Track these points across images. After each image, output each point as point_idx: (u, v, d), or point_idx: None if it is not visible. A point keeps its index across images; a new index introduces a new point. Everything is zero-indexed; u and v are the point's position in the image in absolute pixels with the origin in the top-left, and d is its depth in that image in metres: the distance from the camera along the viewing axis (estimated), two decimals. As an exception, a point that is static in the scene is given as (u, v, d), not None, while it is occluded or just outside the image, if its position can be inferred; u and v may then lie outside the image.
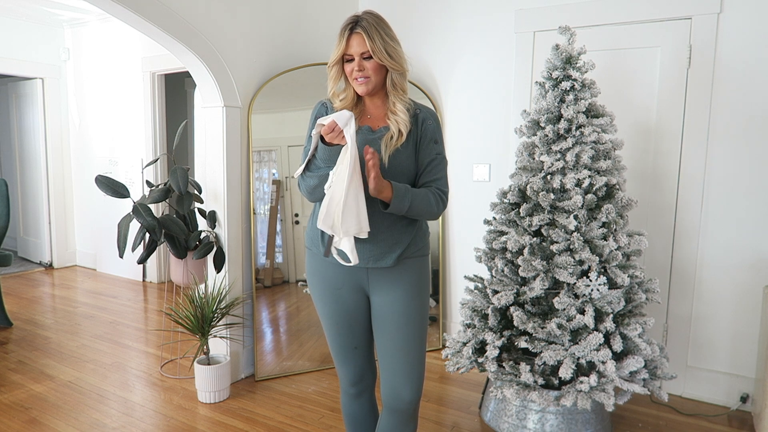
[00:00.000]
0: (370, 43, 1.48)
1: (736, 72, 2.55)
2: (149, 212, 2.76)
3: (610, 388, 2.04)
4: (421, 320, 1.63)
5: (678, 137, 2.70)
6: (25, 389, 2.81)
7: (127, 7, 2.27)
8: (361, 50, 1.49)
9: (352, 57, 1.51)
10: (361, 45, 1.49)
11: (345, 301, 1.64)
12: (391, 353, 1.61)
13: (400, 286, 1.59)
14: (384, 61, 1.50)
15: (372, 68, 1.51)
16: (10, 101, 5.60)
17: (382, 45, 1.49)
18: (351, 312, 1.65)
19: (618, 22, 2.77)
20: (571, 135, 2.19)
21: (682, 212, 2.72)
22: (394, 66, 1.52)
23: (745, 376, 2.66)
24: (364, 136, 1.55)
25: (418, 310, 1.62)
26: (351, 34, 1.50)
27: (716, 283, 2.69)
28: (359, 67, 1.51)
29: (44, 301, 4.41)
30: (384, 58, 1.49)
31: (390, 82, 1.55)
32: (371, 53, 1.49)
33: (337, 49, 1.53)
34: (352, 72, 1.52)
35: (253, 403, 2.70)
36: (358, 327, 1.68)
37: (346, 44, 1.51)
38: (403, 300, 1.59)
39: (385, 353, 1.62)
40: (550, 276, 2.12)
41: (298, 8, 3.15)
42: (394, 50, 1.52)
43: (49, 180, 5.34)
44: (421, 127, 1.58)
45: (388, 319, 1.60)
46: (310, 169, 1.53)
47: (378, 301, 1.62)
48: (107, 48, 4.99)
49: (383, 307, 1.61)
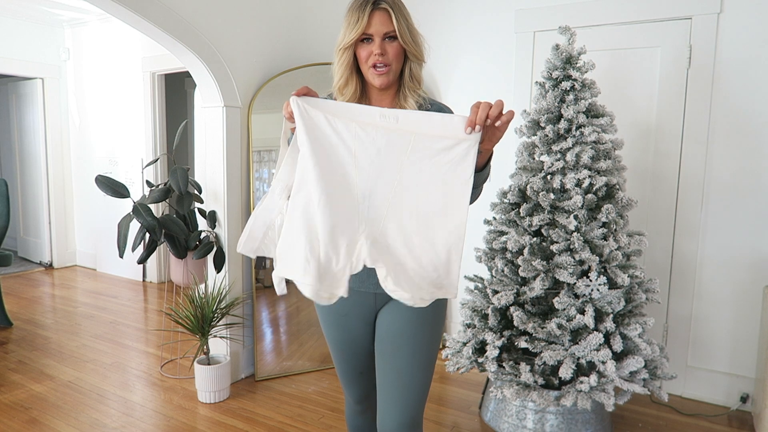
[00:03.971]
0: (396, 22, 1.29)
1: (736, 72, 2.55)
2: (149, 212, 2.76)
3: (610, 388, 2.04)
4: (428, 348, 1.43)
5: (678, 137, 2.70)
6: (25, 389, 2.81)
7: (127, 7, 2.27)
8: (386, 30, 1.29)
9: (371, 37, 1.30)
10: (386, 24, 1.29)
11: (350, 328, 1.49)
12: (385, 375, 1.44)
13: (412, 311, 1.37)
14: (408, 45, 1.31)
15: (394, 53, 1.31)
16: (10, 101, 5.60)
17: (407, 26, 1.31)
18: (356, 339, 1.51)
19: (618, 22, 2.77)
20: (571, 135, 2.19)
21: (682, 212, 2.72)
22: (417, 53, 1.34)
23: (745, 376, 2.66)
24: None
25: (428, 337, 1.42)
26: (374, 10, 1.29)
27: (716, 283, 2.69)
28: (380, 50, 1.29)
29: (44, 301, 4.41)
30: (408, 41, 1.31)
31: (408, 72, 1.36)
32: (397, 34, 1.29)
33: (354, 29, 1.29)
34: (369, 57, 1.30)
35: (253, 403, 2.70)
36: (363, 353, 1.53)
37: (367, 22, 1.28)
38: (416, 321, 1.40)
39: (380, 375, 1.46)
40: (550, 276, 2.12)
41: (299, 8, 3.15)
42: (416, 35, 1.35)
43: (49, 180, 5.34)
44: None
45: (389, 340, 1.43)
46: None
47: (383, 321, 1.44)
48: (107, 48, 4.99)
49: (387, 326, 1.43)
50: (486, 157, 1.24)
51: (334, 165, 1.10)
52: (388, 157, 1.11)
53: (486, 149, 1.20)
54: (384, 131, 1.10)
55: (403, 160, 1.12)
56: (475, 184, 1.20)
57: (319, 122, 1.10)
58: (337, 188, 1.11)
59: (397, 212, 1.12)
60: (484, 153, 1.21)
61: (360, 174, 1.11)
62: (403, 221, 1.12)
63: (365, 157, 1.11)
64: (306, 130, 1.10)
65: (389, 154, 1.11)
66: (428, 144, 1.10)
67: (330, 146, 1.10)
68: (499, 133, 1.14)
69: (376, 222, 1.12)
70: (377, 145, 1.10)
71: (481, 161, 1.21)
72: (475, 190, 1.25)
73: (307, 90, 1.14)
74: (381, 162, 1.10)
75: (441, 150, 1.10)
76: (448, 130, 1.10)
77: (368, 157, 1.11)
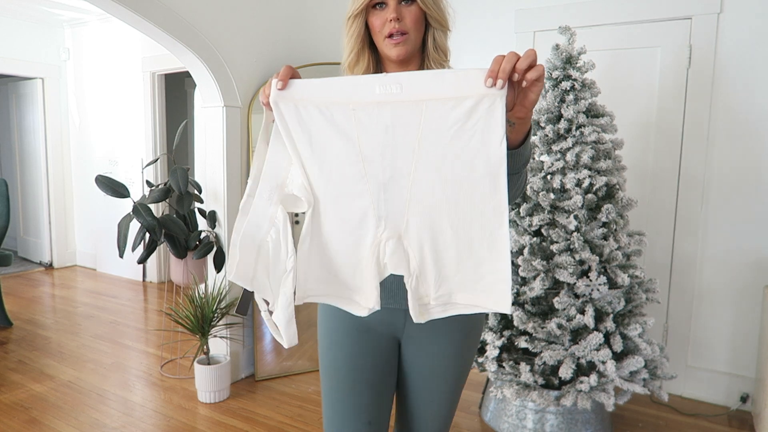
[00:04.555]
0: None
1: (736, 72, 2.55)
2: (149, 212, 2.76)
3: (610, 388, 2.05)
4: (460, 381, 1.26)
5: (678, 137, 2.70)
6: (25, 389, 2.81)
7: (127, 7, 2.27)
8: None
9: (385, 1, 1.10)
10: None
11: (370, 349, 1.19)
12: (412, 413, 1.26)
13: (446, 336, 1.18)
14: (429, 8, 1.11)
15: (412, 19, 1.10)
16: (10, 101, 5.60)
17: None
18: (378, 366, 1.20)
19: (618, 22, 2.77)
20: (571, 135, 2.19)
21: (682, 212, 2.72)
22: (440, 18, 1.13)
23: (745, 376, 2.66)
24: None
25: (462, 369, 1.24)
26: None
27: (716, 283, 2.69)
28: (396, 15, 1.09)
29: (44, 301, 4.41)
30: (429, 4, 1.11)
31: (432, 42, 1.15)
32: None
33: None
34: (384, 25, 1.10)
35: (253, 403, 2.70)
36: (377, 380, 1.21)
37: None
38: (446, 356, 1.20)
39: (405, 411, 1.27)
40: (550, 276, 2.12)
41: (299, 8, 3.15)
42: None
43: (49, 180, 5.34)
44: None
45: (420, 377, 1.22)
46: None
47: (412, 353, 1.21)
48: (107, 48, 4.99)
49: (417, 361, 1.21)
50: (522, 133, 0.97)
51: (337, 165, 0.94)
52: (398, 137, 0.92)
53: (519, 118, 0.93)
54: (388, 106, 0.90)
55: (416, 137, 0.91)
56: (512, 168, 0.98)
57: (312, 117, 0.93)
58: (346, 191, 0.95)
59: (420, 203, 0.93)
60: (518, 125, 0.95)
61: (369, 166, 0.93)
62: (429, 212, 0.93)
63: (371, 145, 0.92)
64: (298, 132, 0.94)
65: (399, 134, 0.91)
66: (443, 110, 0.89)
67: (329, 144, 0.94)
68: (533, 95, 0.89)
69: (397, 218, 0.95)
70: (383, 125, 0.91)
71: (515, 137, 0.97)
72: (515, 177, 1.03)
73: (290, 72, 0.93)
74: (390, 145, 0.92)
75: (461, 115, 0.88)
76: (464, 88, 0.88)
77: (375, 143, 0.92)
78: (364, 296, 0.97)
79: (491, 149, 0.88)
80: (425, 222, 0.94)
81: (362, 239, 0.96)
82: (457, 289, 0.95)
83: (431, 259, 0.95)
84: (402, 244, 0.95)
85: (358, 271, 0.97)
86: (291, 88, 0.92)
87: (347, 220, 0.96)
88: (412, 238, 0.95)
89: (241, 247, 0.98)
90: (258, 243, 0.98)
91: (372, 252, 0.96)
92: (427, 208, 0.93)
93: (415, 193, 0.93)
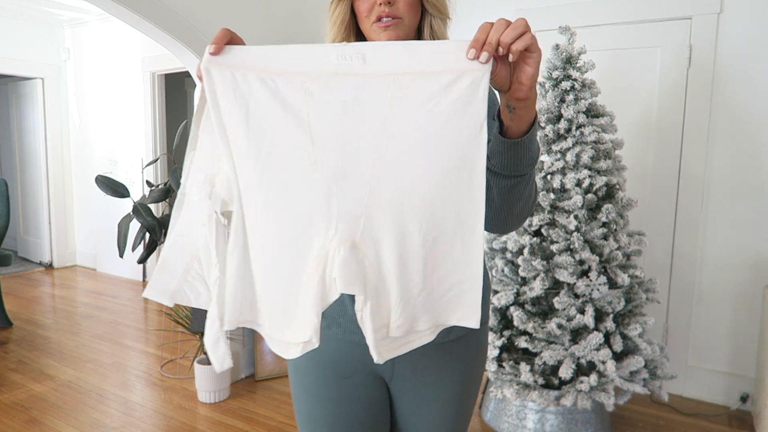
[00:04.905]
0: None
1: (736, 72, 2.55)
2: (149, 212, 2.76)
3: (610, 388, 2.05)
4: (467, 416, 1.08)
5: (678, 137, 2.70)
6: (25, 389, 2.81)
7: (127, 7, 2.27)
8: None
9: None
10: None
11: (355, 400, 1.00)
12: None
13: (445, 371, 0.99)
14: None
15: (406, 3, 0.94)
16: (10, 101, 5.60)
17: None
18: (364, 420, 1.01)
19: (618, 22, 2.77)
20: (571, 135, 2.19)
21: (682, 212, 2.72)
22: (438, 4, 0.99)
23: (745, 375, 2.66)
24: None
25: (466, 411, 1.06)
26: None
27: (716, 283, 2.69)
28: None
29: (44, 301, 4.41)
30: None
31: (428, 31, 0.99)
32: None
33: None
34: (372, 10, 0.94)
35: (253, 403, 2.70)
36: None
37: None
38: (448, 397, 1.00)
39: None
40: (550, 276, 2.12)
41: (299, 8, 3.15)
42: None
43: (49, 180, 5.34)
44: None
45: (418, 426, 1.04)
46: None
47: (405, 399, 1.02)
48: (107, 48, 4.99)
49: (413, 410, 1.02)
50: (525, 120, 0.78)
51: (279, 149, 0.74)
52: (359, 117, 0.73)
53: (519, 100, 0.75)
54: (349, 79, 0.73)
55: (381, 118, 0.73)
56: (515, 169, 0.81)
57: (251, 88, 0.73)
58: (289, 183, 0.74)
59: (382, 198, 0.74)
60: (519, 110, 0.77)
61: (320, 151, 0.73)
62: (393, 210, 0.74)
63: (325, 125, 0.73)
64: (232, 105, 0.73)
65: (359, 113, 0.73)
66: (415, 86, 0.73)
67: (270, 121, 0.74)
68: (530, 69, 0.72)
69: (352, 218, 0.74)
70: (340, 101, 0.73)
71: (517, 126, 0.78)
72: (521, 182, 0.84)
73: (227, 35, 0.74)
74: (349, 126, 0.73)
75: (435, 93, 0.72)
76: (441, 62, 0.72)
77: (329, 123, 0.73)
78: (297, 327, 0.75)
79: (469, 136, 0.73)
80: (387, 223, 0.74)
81: (307, 247, 0.75)
82: (420, 312, 0.77)
83: (394, 273, 0.75)
84: (356, 252, 0.74)
85: (295, 295, 0.76)
86: (228, 54, 0.74)
87: (289, 221, 0.75)
88: (370, 244, 0.75)
89: (168, 256, 0.79)
90: (189, 250, 0.79)
91: (317, 264, 0.74)
92: (390, 206, 0.74)
93: (376, 186, 0.74)
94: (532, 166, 0.83)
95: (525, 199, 0.87)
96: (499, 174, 0.83)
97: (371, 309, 0.74)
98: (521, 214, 0.88)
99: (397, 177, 0.74)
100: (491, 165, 0.82)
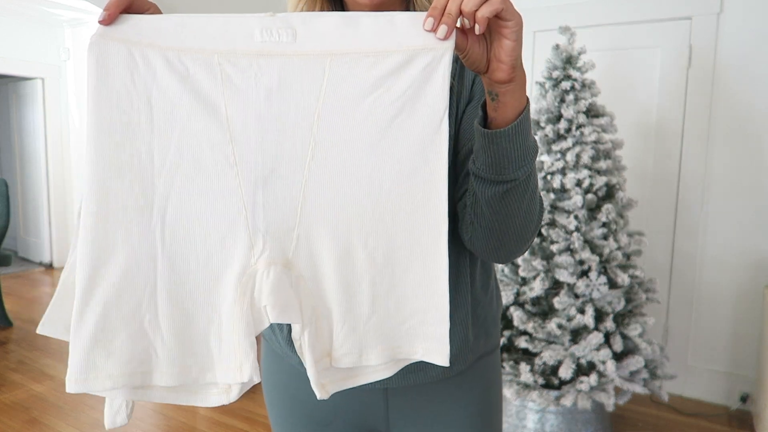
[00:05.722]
0: None
1: (736, 72, 2.55)
2: (149, 212, 2.76)
3: (610, 388, 2.05)
4: None
5: (678, 137, 2.70)
6: (25, 389, 2.81)
7: (127, 7, 2.27)
8: None
9: None
10: None
11: None
12: None
13: (456, 417, 0.81)
14: None
15: None
16: (10, 101, 5.60)
17: None
18: None
19: (618, 22, 2.77)
20: (571, 135, 2.19)
21: (682, 212, 2.73)
22: None
23: (745, 375, 2.66)
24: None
25: None
26: None
27: (716, 283, 2.69)
28: None
29: (44, 301, 4.41)
30: None
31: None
32: None
33: None
34: None
35: (253, 403, 2.70)
36: None
37: None
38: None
39: None
40: (550, 276, 2.12)
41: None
42: None
43: (49, 180, 5.34)
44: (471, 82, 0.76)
45: None
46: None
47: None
48: (107, 48, 4.99)
49: None
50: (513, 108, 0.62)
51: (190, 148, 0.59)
52: (288, 108, 0.59)
53: (501, 83, 0.59)
54: (274, 60, 0.59)
55: (315, 110, 0.60)
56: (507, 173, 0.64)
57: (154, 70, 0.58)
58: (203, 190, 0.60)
59: (319, 208, 0.61)
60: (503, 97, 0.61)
61: (241, 150, 0.59)
62: (332, 223, 0.61)
63: (246, 118, 0.59)
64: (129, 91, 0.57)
65: (289, 103, 0.59)
66: (357, 70, 0.59)
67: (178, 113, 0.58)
68: (508, 41, 0.57)
69: (282, 233, 0.61)
70: (265, 89, 0.59)
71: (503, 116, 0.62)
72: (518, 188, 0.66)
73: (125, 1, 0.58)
74: (276, 119, 0.59)
75: (383, 78, 0.59)
76: (390, 39, 0.58)
77: (251, 116, 0.59)
78: (222, 369, 0.61)
79: (425, 134, 0.60)
80: (326, 237, 0.61)
81: (225, 269, 0.60)
82: (372, 341, 0.64)
83: (335, 295, 0.62)
84: (289, 273, 0.61)
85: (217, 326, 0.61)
86: (124, 23, 0.58)
87: (203, 239, 0.60)
88: (306, 262, 0.62)
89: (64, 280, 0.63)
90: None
91: (242, 290, 0.60)
92: (329, 217, 0.61)
93: (311, 193, 0.61)
94: (525, 169, 0.65)
95: (524, 214, 0.68)
96: (485, 179, 0.65)
97: (310, 337, 0.61)
98: (521, 234, 0.70)
99: (335, 183, 0.61)
100: (476, 168, 0.66)
